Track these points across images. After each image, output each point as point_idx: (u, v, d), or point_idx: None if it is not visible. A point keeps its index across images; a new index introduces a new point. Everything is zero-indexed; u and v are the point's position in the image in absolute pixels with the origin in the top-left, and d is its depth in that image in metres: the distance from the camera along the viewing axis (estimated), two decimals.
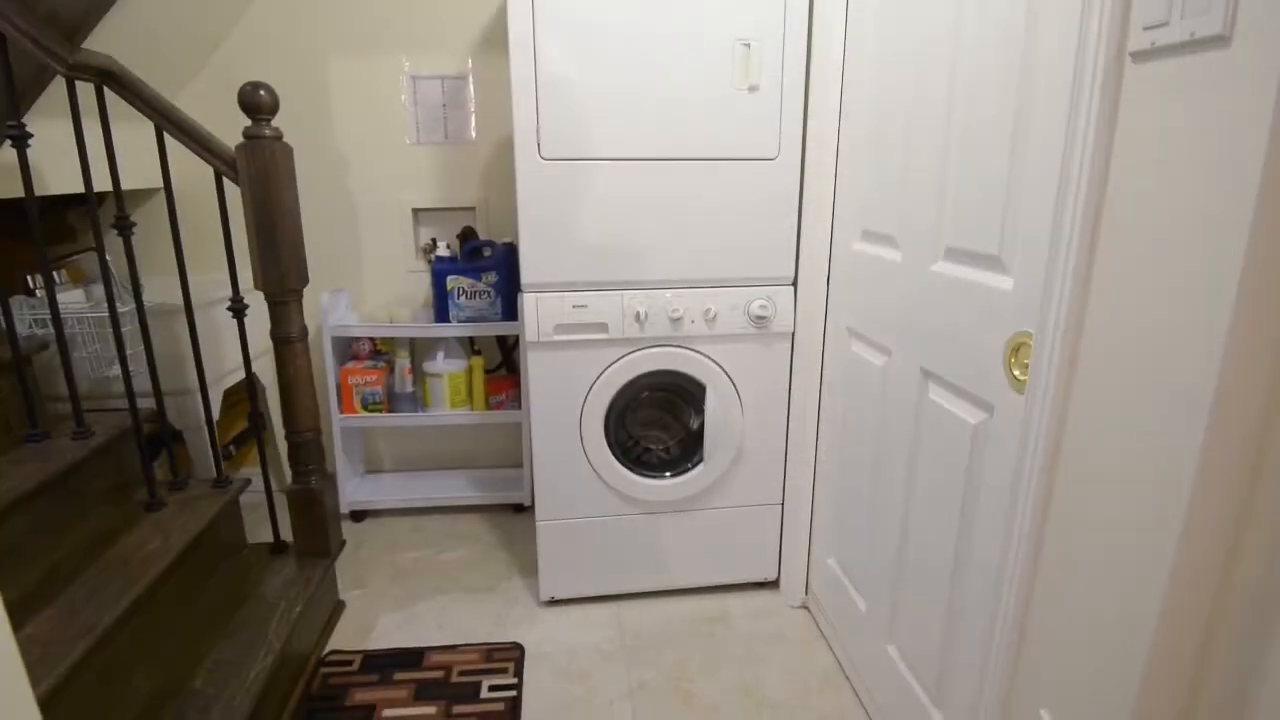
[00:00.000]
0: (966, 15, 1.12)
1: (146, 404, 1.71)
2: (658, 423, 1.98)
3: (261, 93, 1.46)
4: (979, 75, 1.09)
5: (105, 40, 2.08)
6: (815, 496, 1.86)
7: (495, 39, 2.32)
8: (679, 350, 1.77)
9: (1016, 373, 1.01)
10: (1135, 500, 0.78)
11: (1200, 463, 0.69)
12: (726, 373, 1.80)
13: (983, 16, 1.07)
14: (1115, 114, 0.79)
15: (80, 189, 1.53)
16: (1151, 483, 0.76)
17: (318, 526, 1.75)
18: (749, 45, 1.60)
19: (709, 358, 1.78)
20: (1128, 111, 0.77)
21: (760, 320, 1.75)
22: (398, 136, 2.37)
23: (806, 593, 1.95)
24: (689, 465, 1.88)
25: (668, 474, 1.88)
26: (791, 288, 1.78)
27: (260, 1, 2.23)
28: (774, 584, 2.03)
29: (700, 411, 1.83)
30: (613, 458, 1.83)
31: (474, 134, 2.39)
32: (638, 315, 1.70)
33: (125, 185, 1.56)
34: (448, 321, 2.24)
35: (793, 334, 1.80)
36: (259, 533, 1.88)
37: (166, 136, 1.54)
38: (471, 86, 2.36)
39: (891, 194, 1.39)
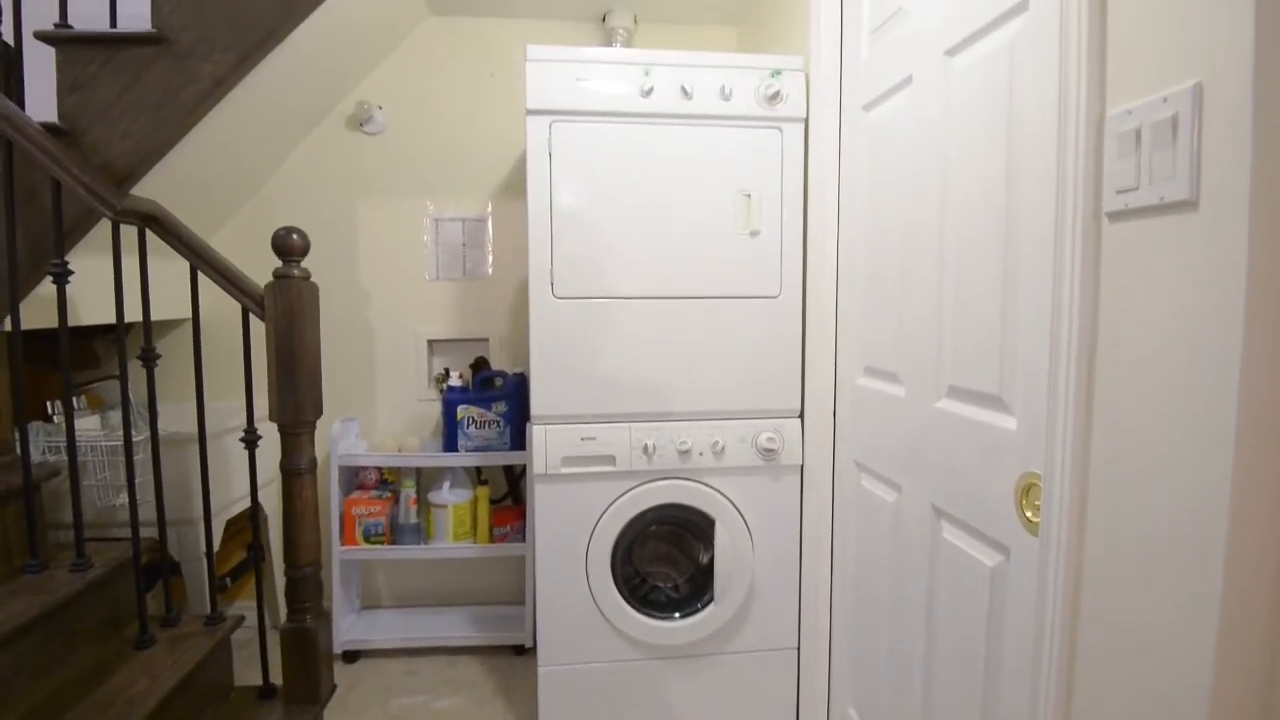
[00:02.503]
0: (950, 174, 1.20)
1: (148, 532, 1.69)
2: (666, 558, 1.93)
3: (294, 236, 1.56)
4: (965, 227, 1.16)
5: (154, 183, 2.25)
6: (833, 640, 1.77)
7: (514, 184, 2.49)
8: (687, 483, 1.75)
9: (1029, 514, 1.00)
10: (1162, 645, 0.75)
11: (1224, 602, 0.67)
12: (736, 506, 1.77)
13: (965, 175, 1.16)
14: (1098, 266, 0.83)
15: (110, 319, 1.60)
16: (1176, 626, 0.73)
17: (309, 670, 1.66)
18: (749, 196, 1.72)
19: (718, 491, 1.76)
20: (1109, 265, 0.82)
21: (768, 453, 1.75)
22: (418, 273, 2.50)
23: None
24: (699, 605, 1.81)
25: (677, 615, 1.80)
26: (799, 420, 1.79)
27: (298, 152, 2.43)
28: None
29: (710, 546, 1.79)
30: (619, 595, 1.76)
31: (490, 270, 2.51)
32: (646, 448, 1.70)
33: (154, 316, 1.63)
34: (456, 451, 2.25)
35: (801, 467, 1.79)
36: (249, 673, 1.79)
37: (199, 274, 1.63)
38: (490, 227, 2.51)
39: (891, 332, 1.43)
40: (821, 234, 1.69)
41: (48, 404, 2.06)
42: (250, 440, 1.63)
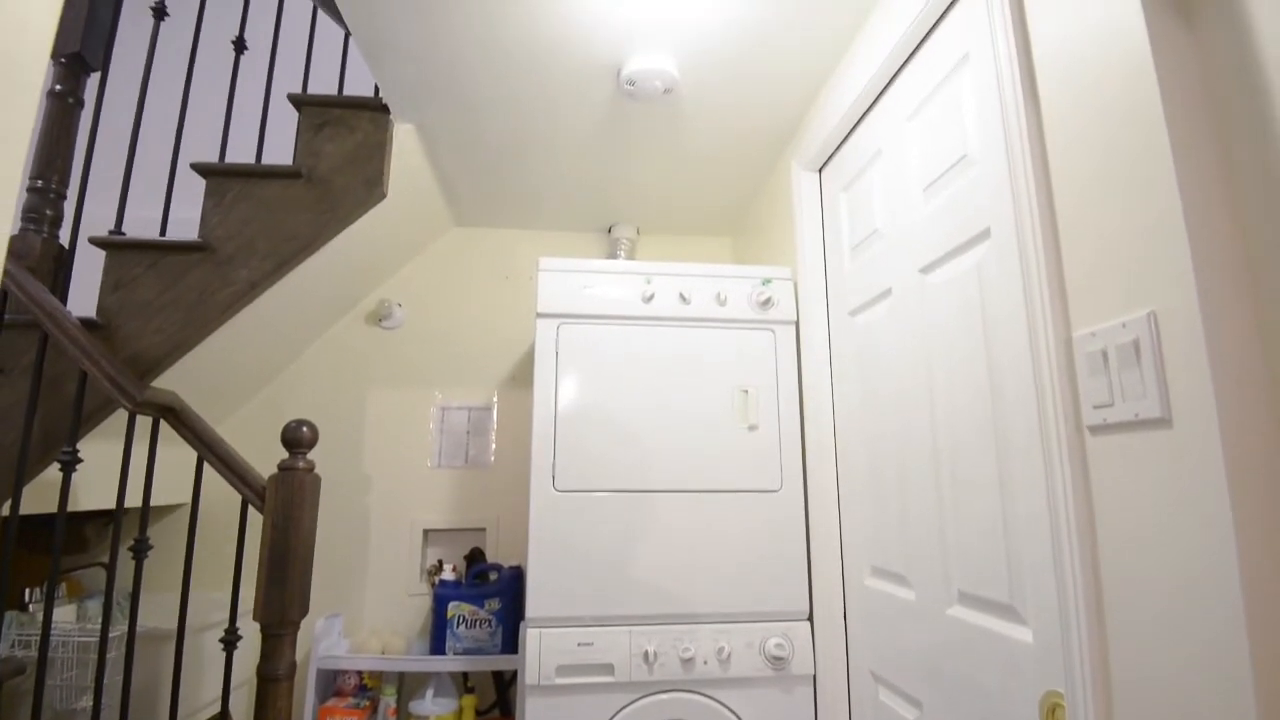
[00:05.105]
0: (936, 380, 1.26)
1: None
2: None
3: (304, 430, 1.59)
4: (956, 430, 1.19)
5: (176, 370, 2.34)
6: None
7: (521, 375, 2.59)
8: (691, 696, 1.62)
9: None
10: None
11: None
12: None
13: (950, 382, 1.21)
14: (1086, 477, 0.84)
15: (107, 505, 1.58)
16: None
17: None
18: (746, 392, 1.78)
19: (725, 706, 1.63)
20: (1097, 476, 0.83)
21: (778, 661, 1.64)
22: (421, 460, 2.51)
23: None
24: None
25: None
26: (808, 623, 1.70)
27: (314, 348, 2.55)
28: None
29: None
30: None
31: (492, 459, 2.53)
32: (646, 655, 1.60)
33: (152, 501, 1.62)
34: (444, 653, 2.11)
35: (814, 677, 1.67)
36: None
37: (205, 465, 1.65)
38: (495, 416, 2.56)
39: (895, 531, 1.41)
40: (818, 429, 1.73)
41: (25, 591, 1.98)
42: (230, 641, 1.55)
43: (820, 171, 1.86)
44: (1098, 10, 0.84)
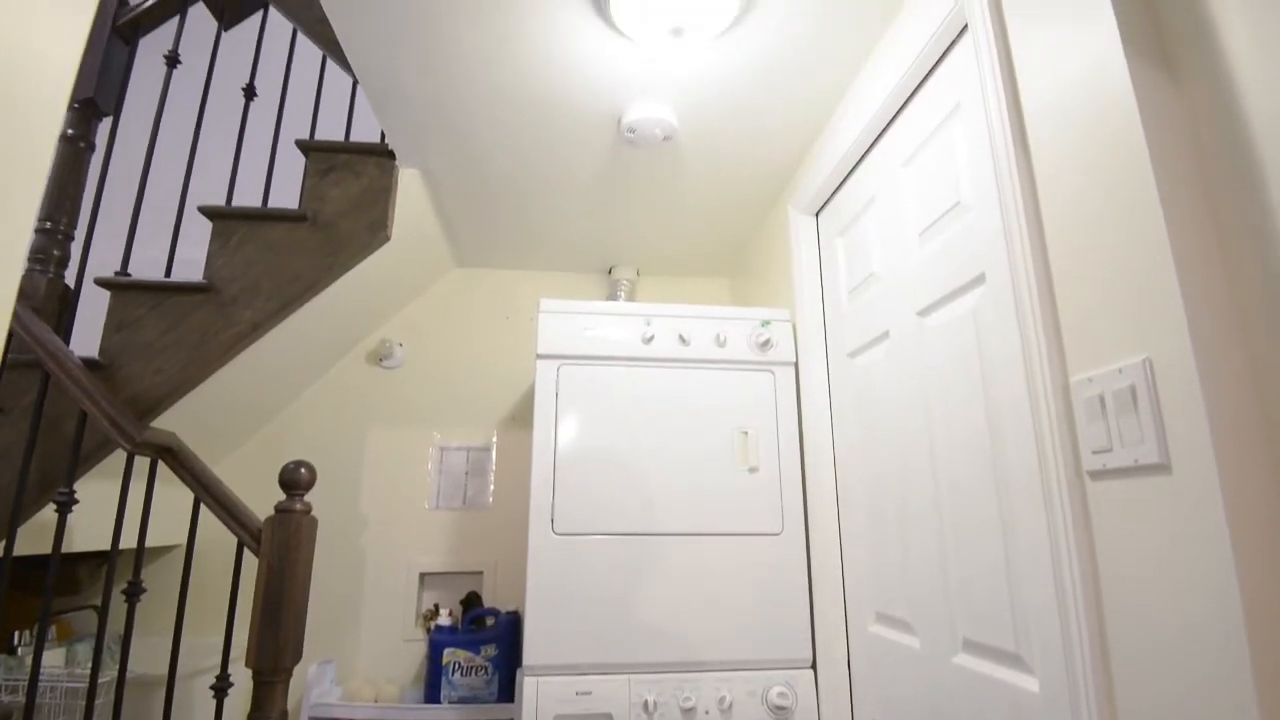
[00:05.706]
0: (935, 422, 1.26)
1: None
2: None
3: (302, 471, 1.59)
4: (956, 473, 1.18)
5: (176, 410, 2.33)
6: None
7: (520, 415, 2.59)
8: None
9: None
10: None
11: None
12: None
13: (949, 425, 1.21)
14: (1088, 522, 0.84)
15: (102, 546, 1.56)
16: None
17: None
18: (746, 433, 1.78)
19: None
20: (1099, 520, 0.83)
21: (781, 711, 1.60)
22: (419, 501, 2.49)
23: None
24: None
25: None
26: (811, 671, 1.67)
27: (314, 387, 2.55)
28: None
29: None
30: None
31: (490, 500, 2.51)
32: (646, 705, 1.57)
33: (148, 542, 1.60)
34: (439, 702, 2.06)
35: None
36: None
37: (202, 506, 1.64)
38: (494, 456, 2.55)
39: (897, 576, 1.39)
40: (819, 472, 1.72)
41: (15, 634, 1.95)
42: (221, 688, 1.52)
43: (817, 215, 1.89)
44: (1083, 64, 0.87)
